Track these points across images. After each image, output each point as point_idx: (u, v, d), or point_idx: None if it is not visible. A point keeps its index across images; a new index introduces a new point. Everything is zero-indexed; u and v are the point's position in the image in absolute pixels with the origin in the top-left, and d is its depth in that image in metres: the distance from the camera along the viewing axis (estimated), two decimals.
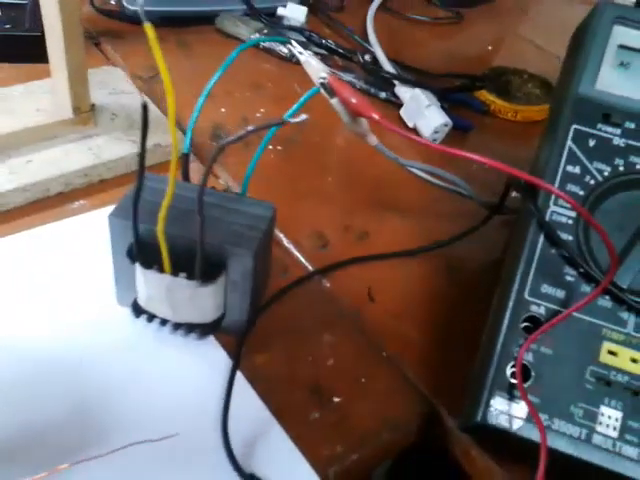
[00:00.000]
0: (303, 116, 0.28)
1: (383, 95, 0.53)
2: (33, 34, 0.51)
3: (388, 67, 0.55)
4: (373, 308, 0.36)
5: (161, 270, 0.29)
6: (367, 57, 0.57)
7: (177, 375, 0.31)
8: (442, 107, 0.50)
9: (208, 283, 0.30)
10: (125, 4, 0.57)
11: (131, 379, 0.30)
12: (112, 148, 0.42)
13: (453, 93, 0.53)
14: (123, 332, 0.33)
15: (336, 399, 0.31)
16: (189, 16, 0.59)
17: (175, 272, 0.29)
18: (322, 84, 0.31)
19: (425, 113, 0.49)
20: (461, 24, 0.69)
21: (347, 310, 0.35)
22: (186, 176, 0.33)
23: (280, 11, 0.61)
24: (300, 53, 0.34)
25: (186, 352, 0.32)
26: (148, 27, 0.22)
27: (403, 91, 0.52)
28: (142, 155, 0.27)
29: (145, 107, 0.25)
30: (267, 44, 0.57)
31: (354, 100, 0.31)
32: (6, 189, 0.37)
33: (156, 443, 0.27)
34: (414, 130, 0.50)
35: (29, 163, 0.39)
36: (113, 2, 0.60)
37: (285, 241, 0.39)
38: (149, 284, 0.30)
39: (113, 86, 0.47)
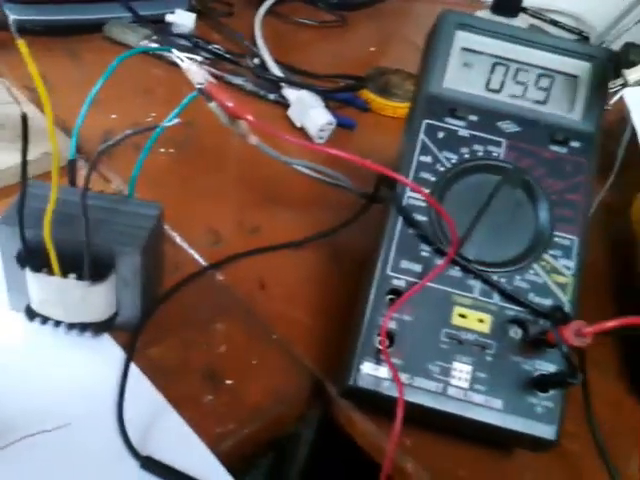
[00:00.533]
0: (176, 120, 0.31)
1: (272, 97, 0.56)
2: None
3: (275, 70, 0.57)
4: (264, 296, 0.38)
5: (51, 273, 0.31)
6: (256, 60, 0.59)
7: (73, 373, 0.32)
8: (327, 107, 0.54)
9: (98, 282, 0.31)
10: (7, 13, 0.57)
11: (28, 379, 0.31)
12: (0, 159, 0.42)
13: (337, 93, 0.57)
14: (18, 335, 0.34)
15: (229, 382, 0.33)
16: (77, 24, 0.60)
17: (65, 274, 0.31)
18: (199, 89, 0.33)
19: (310, 113, 0.52)
20: (346, 27, 0.73)
21: (239, 300, 0.38)
22: (73, 181, 0.34)
23: (168, 18, 0.62)
24: (181, 60, 0.36)
25: (82, 350, 0.33)
26: (21, 44, 0.23)
27: (290, 92, 0.54)
28: (24, 163, 0.28)
29: (24, 118, 0.26)
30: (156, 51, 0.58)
31: (230, 104, 0.33)
32: None
33: (53, 436, 0.28)
34: (301, 129, 0.53)
35: None
36: None
37: (179, 239, 0.41)
38: (40, 287, 0.32)
39: None
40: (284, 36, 0.68)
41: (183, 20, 0.62)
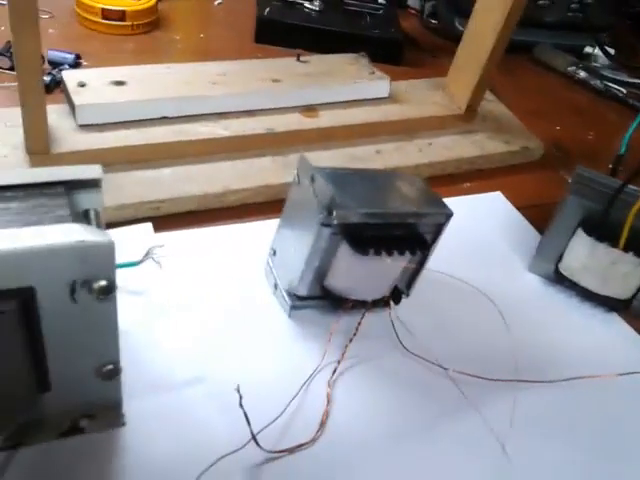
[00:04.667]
0: None
1: None
2: (395, 38, 0.60)
3: None
4: None
5: (613, 246, 0.35)
6: None
7: (582, 338, 0.36)
8: None
9: None
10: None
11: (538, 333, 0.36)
12: (489, 144, 0.48)
13: None
14: (533, 294, 0.38)
15: None
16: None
17: (626, 249, 0.35)
18: None
19: None
20: None
21: None
22: (614, 174, 0.38)
23: (587, 50, 0.67)
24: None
25: (592, 321, 0.37)
26: None
27: None
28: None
29: None
30: (583, 77, 0.63)
31: None
32: (419, 163, 0.45)
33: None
34: None
35: (430, 145, 0.47)
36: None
37: None
38: (591, 255, 0.36)
39: None
40: None
41: (603, 53, 0.66)
